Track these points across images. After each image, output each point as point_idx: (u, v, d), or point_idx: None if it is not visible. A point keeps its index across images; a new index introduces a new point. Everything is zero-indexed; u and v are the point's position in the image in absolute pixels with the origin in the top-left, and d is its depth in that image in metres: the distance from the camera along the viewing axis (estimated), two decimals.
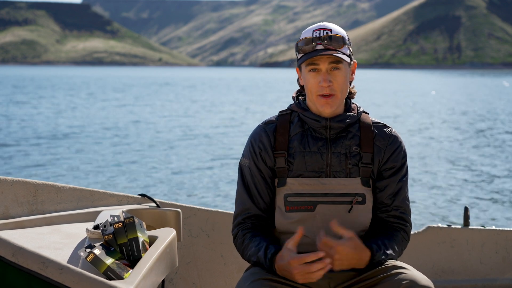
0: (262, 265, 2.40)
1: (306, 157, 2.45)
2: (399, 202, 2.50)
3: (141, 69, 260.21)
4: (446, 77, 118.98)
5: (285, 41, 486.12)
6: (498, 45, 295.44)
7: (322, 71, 2.41)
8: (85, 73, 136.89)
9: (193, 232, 3.45)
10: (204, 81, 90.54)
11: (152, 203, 3.26)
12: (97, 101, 39.37)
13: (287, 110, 2.56)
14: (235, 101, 41.51)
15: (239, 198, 2.54)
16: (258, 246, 2.41)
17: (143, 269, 2.30)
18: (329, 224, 2.38)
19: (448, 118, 28.87)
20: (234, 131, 22.80)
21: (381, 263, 2.39)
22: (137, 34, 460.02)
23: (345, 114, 2.48)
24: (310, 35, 2.43)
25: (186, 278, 3.44)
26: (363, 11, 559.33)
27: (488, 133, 22.57)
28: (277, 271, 2.34)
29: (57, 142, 18.76)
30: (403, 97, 47.72)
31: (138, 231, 2.49)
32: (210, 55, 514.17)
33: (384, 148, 2.49)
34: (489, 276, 3.73)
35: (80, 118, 27.03)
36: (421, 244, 3.70)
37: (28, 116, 27.53)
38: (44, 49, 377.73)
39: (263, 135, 2.51)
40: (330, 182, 2.44)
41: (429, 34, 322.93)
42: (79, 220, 3.01)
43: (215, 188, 12.07)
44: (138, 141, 19.43)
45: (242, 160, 2.55)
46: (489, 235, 3.72)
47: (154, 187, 12.11)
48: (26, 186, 2.91)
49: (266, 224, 2.54)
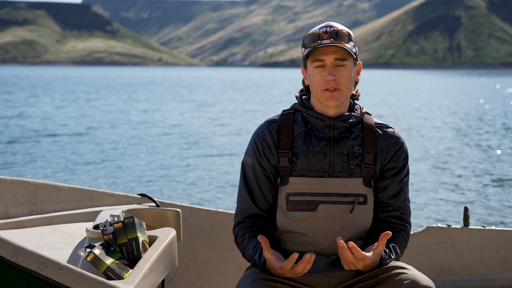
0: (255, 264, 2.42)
1: (309, 157, 2.46)
2: (400, 202, 2.51)
3: (141, 69, 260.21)
4: (445, 77, 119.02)
5: (285, 41, 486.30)
6: (498, 45, 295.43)
7: (327, 65, 2.42)
8: (84, 73, 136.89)
9: (193, 232, 3.45)
10: (204, 81, 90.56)
11: (152, 203, 3.26)
12: (97, 101, 39.36)
13: (290, 109, 2.56)
14: (235, 101, 41.51)
15: (240, 197, 2.54)
16: (255, 248, 2.42)
17: (143, 269, 2.30)
18: (331, 225, 2.40)
19: (448, 118, 28.87)
20: (234, 131, 22.80)
21: (386, 264, 2.40)
22: (137, 34, 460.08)
23: (349, 114, 2.49)
24: (316, 31, 2.46)
25: (186, 278, 3.44)
26: (363, 11, 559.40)
27: (488, 133, 22.56)
28: (274, 273, 2.35)
29: (57, 142, 18.76)
30: (403, 97, 47.73)
31: (138, 231, 2.49)
32: (210, 55, 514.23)
33: (386, 149, 2.50)
34: (489, 276, 3.73)
35: (80, 118, 27.03)
36: (421, 244, 3.70)
37: (27, 116, 27.53)
38: (44, 49, 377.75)
39: (266, 133, 2.51)
40: (333, 182, 2.45)
41: (429, 34, 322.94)
42: (79, 220, 3.01)
43: (215, 188, 12.07)
44: (138, 141, 19.43)
45: (245, 159, 2.54)
46: (489, 235, 3.72)
47: (154, 187, 12.11)
48: (26, 186, 2.91)
49: (267, 224, 2.54)
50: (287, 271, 2.28)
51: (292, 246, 2.48)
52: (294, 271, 2.27)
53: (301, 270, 2.26)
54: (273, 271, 2.33)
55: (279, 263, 2.29)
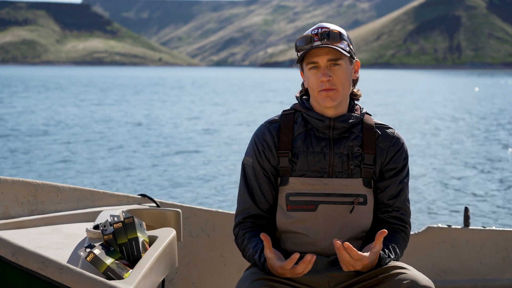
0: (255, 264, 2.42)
1: (309, 157, 2.46)
2: (400, 203, 2.51)
3: (141, 69, 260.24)
4: (445, 77, 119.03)
5: (285, 41, 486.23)
6: (498, 45, 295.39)
7: (321, 67, 2.42)
8: (84, 73, 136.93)
9: (193, 232, 3.45)
10: (208, 81, 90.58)
11: (152, 203, 3.27)
12: (96, 101, 39.37)
13: (290, 109, 2.57)
14: (235, 101, 41.52)
15: (241, 197, 2.54)
16: (255, 248, 2.42)
17: (143, 269, 2.30)
18: (331, 225, 2.40)
19: (448, 118, 28.87)
20: (235, 130, 22.81)
21: (385, 264, 2.40)
22: (137, 34, 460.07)
23: (349, 114, 2.49)
24: (308, 34, 2.46)
25: (186, 278, 3.44)
26: (363, 11, 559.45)
27: (488, 133, 22.57)
28: (273, 273, 2.35)
29: (57, 142, 18.76)
30: (402, 97, 47.73)
31: (138, 231, 2.49)
32: (210, 55, 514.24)
33: (386, 149, 2.50)
34: (489, 276, 3.73)
35: (79, 118, 27.04)
36: (421, 244, 3.70)
37: (27, 116, 27.53)
38: (44, 49, 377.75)
39: (267, 134, 2.51)
40: (332, 182, 2.45)
41: (429, 34, 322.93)
42: (79, 220, 3.01)
43: (215, 188, 12.07)
44: (138, 141, 19.43)
45: (245, 159, 2.55)
46: (489, 235, 3.72)
47: (155, 187, 12.11)
48: (26, 186, 2.91)
49: (267, 224, 2.54)
50: (287, 271, 2.28)
51: (292, 246, 2.48)
52: (295, 271, 2.27)
53: (301, 271, 2.26)
54: (273, 271, 2.33)
55: (279, 262, 2.29)
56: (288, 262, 2.26)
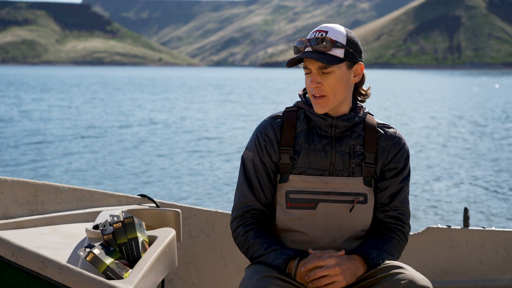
0: (268, 264, 2.40)
1: (310, 155, 2.46)
2: (398, 202, 2.51)
3: (141, 69, 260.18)
4: (445, 77, 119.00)
5: (285, 41, 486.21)
6: (498, 45, 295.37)
7: (312, 73, 2.43)
8: (84, 73, 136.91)
9: (193, 233, 3.45)
10: (210, 81, 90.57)
11: (152, 203, 3.27)
12: (96, 101, 39.36)
13: (293, 106, 2.56)
14: (234, 101, 41.51)
15: (240, 191, 2.53)
16: (264, 249, 2.42)
17: (143, 269, 2.30)
18: (330, 223, 2.40)
19: (449, 118, 28.87)
20: (234, 130, 22.81)
21: (379, 264, 2.40)
22: (137, 34, 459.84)
23: (351, 113, 2.49)
24: (303, 39, 2.47)
25: (185, 278, 3.44)
26: (363, 11, 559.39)
27: (488, 133, 22.57)
28: (295, 277, 2.36)
29: (56, 142, 18.76)
30: (402, 97, 47.72)
31: (137, 231, 2.49)
32: (210, 55, 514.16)
33: (388, 149, 2.50)
34: (489, 277, 3.73)
35: (79, 118, 27.03)
36: (421, 244, 3.70)
37: (26, 116, 27.53)
38: (44, 49, 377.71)
39: (269, 129, 2.51)
40: (333, 180, 2.45)
41: (429, 34, 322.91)
42: (79, 220, 3.01)
43: (215, 189, 12.07)
44: (138, 141, 19.44)
45: (245, 153, 2.54)
46: (488, 236, 3.72)
47: (154, 187, 12.11)
48: (26, 186, 2.91)
49: (267, 220, 2.54)
50: (304, 273, 2.33)
51: (291, 244, 2.48)
52: (306, 278, 2.33)
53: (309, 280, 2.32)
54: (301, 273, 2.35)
55: (311, 264, 2.32)
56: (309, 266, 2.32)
